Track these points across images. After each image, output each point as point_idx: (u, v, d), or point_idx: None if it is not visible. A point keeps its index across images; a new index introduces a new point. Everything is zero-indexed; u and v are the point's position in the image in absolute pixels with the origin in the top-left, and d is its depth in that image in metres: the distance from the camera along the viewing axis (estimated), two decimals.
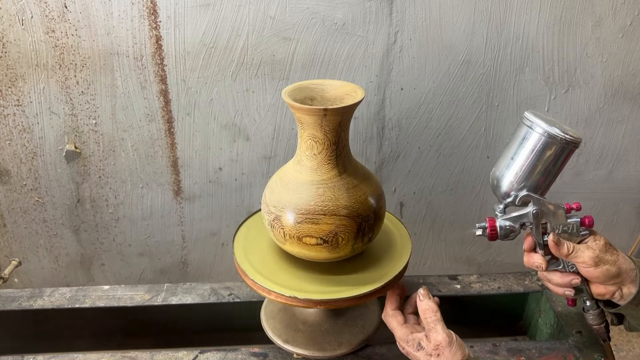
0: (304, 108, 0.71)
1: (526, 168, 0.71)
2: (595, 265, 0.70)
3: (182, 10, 1.01)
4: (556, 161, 0.70)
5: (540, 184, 0.71)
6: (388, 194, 1.25)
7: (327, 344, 0.85)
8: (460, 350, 0.70)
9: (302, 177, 0.76)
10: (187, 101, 1.10)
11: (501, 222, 0.74)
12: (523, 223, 0.74)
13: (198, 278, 1.34)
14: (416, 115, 1.15)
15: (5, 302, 0.99)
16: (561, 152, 0.69)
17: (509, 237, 0.74)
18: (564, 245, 0.71)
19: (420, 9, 1.04)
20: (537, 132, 0.69)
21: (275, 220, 0.76)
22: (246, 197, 1.23)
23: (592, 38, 1.09)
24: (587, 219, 0.73)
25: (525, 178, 0.71)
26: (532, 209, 0.72)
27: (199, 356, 0.86)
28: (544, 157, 0.69)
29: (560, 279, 0.74)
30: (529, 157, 0.70)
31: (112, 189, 1.20)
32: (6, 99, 1.08)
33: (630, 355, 1.41)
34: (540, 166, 0.70)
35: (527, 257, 0.75)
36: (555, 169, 0.71)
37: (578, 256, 0.71)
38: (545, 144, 0.69)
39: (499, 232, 0.74)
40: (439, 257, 1.36)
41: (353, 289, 0.77)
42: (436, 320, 0.74)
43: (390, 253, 0.86)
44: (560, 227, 0.73)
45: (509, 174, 0.72)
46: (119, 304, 0.98)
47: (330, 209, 0.74)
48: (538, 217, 0.72)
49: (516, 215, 0.74)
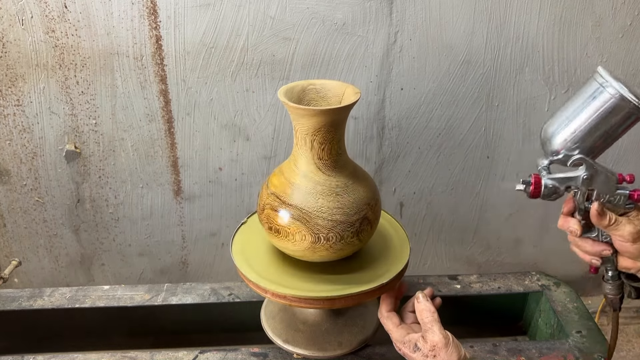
0: (300, 108, 0.71)
1: (586, 128, 0.65)
2: (633, 241, 0.67)
3: (182, 10, 1.01)
4: (620, 126, 0.64)
5: (596, 147, 0.66)
6: (388, 194, 1.25)
7: (327, 344, 0.85)
8: (457, 351, 0.70)
9: (296, 177, 0.76)
10: (187, 101, 1.10)
11: (547, 180, 0.69)
12: (569, 186, 0.68)
13: (198, 278, 1.34)
14: (416, 115, 1.15)
15: (5, 302, 0.99)
16: (629, 117, 0.63)
17: (551, 197, 0.69)
18: (607, 216, 0.67)
19: (420, 9, 1.04)
20: (609, 92, 0.62)
21: (268, 217, 0.76)
22: (246, 197, 1.23)
23: (592, 38, 1.09)
24: (636, 193, 0.68)
25: (582, 139, 0.65)
26: (583, 174, 0.67)
27: (199, 356, 0.86)
28: (610, 120, 0.63)
29: (591, 247, 0.70)
30: (591, 116, 0.64)
31: (112, 189, 1.20)
32: (6, 99, 1.08)
33: (630, 355, 1.41)
34: (603, 129, 0.64)
35: (562, 220, 0.72)
36: (616, 134, 0.65)
37: (618, 229, 0.67)
38: (614, 106, 0.62)
39: (543, 190, 0.69)
40: (439, 257, 1.36)
41: (351, 287, 0.77)
42: (433, 321, 0.74)
43: (389, 254, 0.86)
44: (607, 196, 0.68)
45: (565, 131, 0.66)
46: (119, 304, 0.98)
47: (324, 209, 0.74)
48: (588, 183, 0.67)
49: (564, 177, 0.68)
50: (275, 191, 0.76)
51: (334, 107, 0.72)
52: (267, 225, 0.78)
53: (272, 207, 0.76)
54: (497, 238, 1.33)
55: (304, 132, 0.73)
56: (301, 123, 0.73)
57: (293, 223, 0.74)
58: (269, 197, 0.77)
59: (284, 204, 0.75)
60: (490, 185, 1.25)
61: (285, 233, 0.75)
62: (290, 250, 0.78)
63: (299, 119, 0.73)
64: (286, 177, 0.77)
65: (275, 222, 0.76)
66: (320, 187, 0.75)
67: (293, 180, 0.76)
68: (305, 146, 0.75)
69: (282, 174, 0.78)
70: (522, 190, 0.71)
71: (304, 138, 0.74)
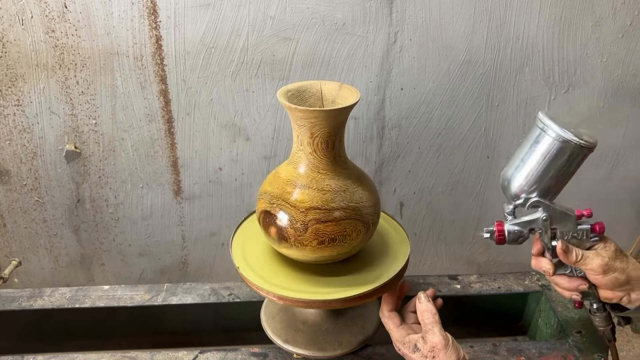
0: (299, 109, 0.70)
1: (537, 172, 0.68)
2: (603, 273, 0.69)
3: (182, 10, 1.01)
4: (569, 166, 0.67)
5: (552, 188, 0.69)
6: (388, 194, 1.25)
7: (327, 344, 0.85)
8: (456, 353, 0.70)
9: (295, 177, 0.76)
10: (187, 101, 1.10)
11: (509, 226, 0.72)
12: (532, 228, 0.72)
13: (198, 278, 1.34)
14: (416, 115, 1.15)
15: (5, 302, 0.99)
16: (575, 156, 0.66)
17: (517, 241, 0.73)
18: (572, 253, 0.70)
19: (420, 9, 1.04)
20: (550, 135, 0.66)
21: (265, 218, 0.76)
22: (246, 197, 1.23)
23: (592, 38, 1.09)
24: (597, 226, 0.71)
25: (536, 181, 0.69)
26: (541, 215, 0.70)
27: (199, 356, 0.86)
28: (557, 162, 0.67)
29: (568, 283, 0.73)
30: (540, 161, 0.68)
31: (112, 189, 1.20)
32: (6, 99, 1.08)
33: (630, 355, 1.41)
34: (553, 171, 0.68)
35: (534, 261, 0.74)
36: (567, 173, 0.68)
37: (587, 263, 0.69)
38: (558, 148, 0.66)
39: (507, 236, 0.72)
40: (439, 257, 1.37)
41: (350, 289, 0.77)
42: (434, 322, 0.74)
43: (388, 255, 0.86)
44: (570, 233, 0.71)
45: (519, 177, 0.70)
46: (119, 304, 0.98)
47: (322, 210, 0.74)
48: (547, 223, 0.70)
49: (525, 221, 0.72)
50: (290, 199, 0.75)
51: (334, 108, 0.71)
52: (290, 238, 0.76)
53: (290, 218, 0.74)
54: None
55: (303, 133, 0.73)
56: (301, 124, 0.73)
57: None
58: (288, 208, 0.75)
59: (288, 207, 0.75)
60: (490, 185, 1.25)
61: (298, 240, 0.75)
62: (297, 255, 0.78)
63: (298, 121, 0.73)
64: (285, 179, 0.77)
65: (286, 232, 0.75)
66: (323, 184, 0.75)
67: (294, 181, 0.76)
68: (305, 147, 0.75)
69: (282, 179, 0.77)
70: (488, 238, 0.74)
71: (304, 139, 0.74)
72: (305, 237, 0.74)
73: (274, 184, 0.78)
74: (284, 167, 0.79)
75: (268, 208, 0.76)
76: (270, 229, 0.76)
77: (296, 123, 0.73)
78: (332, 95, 0.79)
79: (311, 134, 0.73)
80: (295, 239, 0.74)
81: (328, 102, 0.79)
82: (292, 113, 0.72)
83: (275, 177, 0.79)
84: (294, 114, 0.72)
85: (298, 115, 0.71)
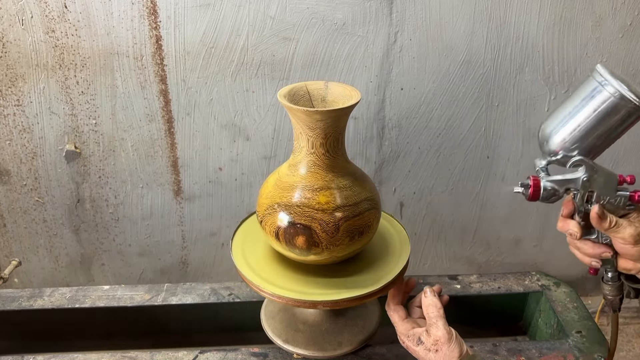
0: (299, 110, 0.70)
1: (585, 128, 0.63)
2: (634, 243, 0.65)
3: (182, 10, 1.01)
4: (620, 125, 0.62)
5: (596, 147, 0.64)
6: (388, 194, 1.25)
7: (327, 344, 0.85)
8: (459, 347, 0.71)
9: (310, 181, 0.75)
10: (187, 101, 1.10)
11: (546, 182, 0.67)
12: (568, 188, 0.67)
13: (198, 278, 1.35)
14: (416, 115, 1.15)
15: (5, 302, 0.99)
16: (629, 117, 0.61)
17: (550, 200, 0.68)
18: (607, 219, 0.65)
19: (420, 9, 1.04)
20: (608, 91, 0.61)
21: (289, 230, 0.75)
22: (246, 197, 1.23)
23: (592, 38, 1.09)
24: (637, 194, 0.66)
25: (580, 139, 0.64)
26: (582, 175, 0.65)
27: (199, 356, 0.86)
28: (609, 120, 0.62)
29: (591, 249, 0.69)
30: (590, 115, 0.62)
31: (112, 189, 1.20)
32: (6, 99, 1.08)
33: (630, 355, 1.41)
34: (602, 128, 0.62)
35: (562, 222, 0.70)
36: (616, 134, 0.64)
37: (619, 231, 0.65)
38: (613, 105, 0.61)
39: (542, 193, 0.67)
40: (439, 257, 1.37)
41: (351, 290, 0.77)
42: (438, 316, 0.74)
43: (389, 255, 0.86)
44: (607, 198, 0.66)
45: (563, 131, 0.65)
46: (119, 304, 0.98)
47: (348, 206, 0.75)
48: (587, 185, 0.65)
49: (563, 179, 0.66)
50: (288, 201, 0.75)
51: (335, 108, 0.71)
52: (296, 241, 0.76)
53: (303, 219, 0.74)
54: (497, 238, 1.33)
55: (317, 135, 0.73)
56: (315, 127, 0.72)
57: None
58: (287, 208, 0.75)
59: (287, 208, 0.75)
60: (490, 185, 1.25)
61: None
62: (296, 257, 0.78)
63: (299, 121, 0.73)
64: (285, 181, 0.77)
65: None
66: (323, 185, 0.75)
67: (311, 185, 0.75)
68: (318, 149, 0.74)
69: (295, 187, 0.76)
70: (520, 192, 0.70)
71: (316, 142, 0.74)
72: (338, 237, 0.74)
73: (285, 194, 0.75)
74: (289, 174, 0.77)
75: (291, 220, 0.74)
76: (297, 239, 0.74)
77: (308, 126, 0.72)
78: (321, 94, 0.79)
79: (325, 135, 0.73)
80: (327, 242, 0.74)
81: (318, 102, 0.79)
82: (310, 117, 0.71)
83: (283, 186, 0.76)
84: (312, 117, 0.71)
85: (316, 117, 0.70)
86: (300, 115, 0.71)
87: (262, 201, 0.78)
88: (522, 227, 1.32)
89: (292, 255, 0.78)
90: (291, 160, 0.78)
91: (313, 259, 0.77)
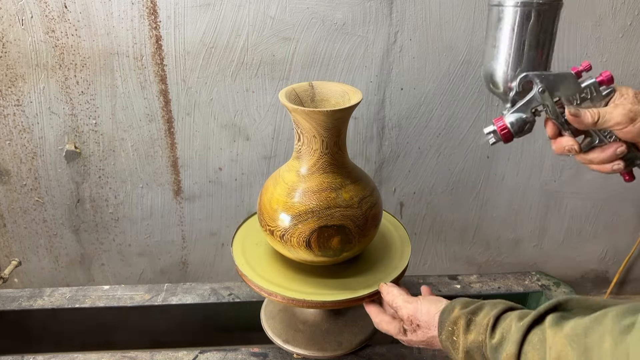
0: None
1: (514, 49, 0.62)
2: (631, 122, 0.59)
3: (182, 10, 1.01)
4: (544, 28, 0.62)
5: (537, 59, 0.63)
6: (388, 194, 1.25)
7: (327, 344, 0.85)
8: (433, 305, 0.68)
9: (328, 182, 0.75)
10: (187, 101, 1.10)
11: (509, 117, 0.65)
12: (535, 109, 0.64)
13: (198, 278, 1.34)
14: (416, 115, 1.15)
15: (5, 302, 0.99)
16: (544, 16, 0.61)
17: (525, 130, 0.65)
18: (586, 114, 0.60)
19: (420, 9, 1.04)
20: (509, 5, 0.61)
21: (322, 234, 0.75)
22: (246, 197, 1.23)
23: (592, 38, 1.09)
24: (603, 75, 0.62)
25: (517, 61, 0.63)
26: (537, 88, 0.62)
27: (199, 356, 0.87)
28: (529, 29, 0.61)
29: (602, 154, 0.63)
30: (512, 36, 0.62)
31: (112, 189, 1.20)
32: (6, 99, 1.08)
33: None
34: (529, 40, 0.62)
35: (555, 144, 0.65)
36: (546, 36, 0.62)
37: (608, 119, 0.60)
38: (524, 14, 0.60)
39: (512, 128, 0.65)
40: (439, 257, 1.37)
41: (353, 291, 0.77)
42: (394, 299, 0.73)
43: (389, 255, 0.86)
44: (577, 95, 0.62)
45: (499, 64, 0.64)
46: (119, 304, 0.98)
47: (368, 197, 0.75)
48: (546, 94, 0.62)
49: (523, 103, 0.64)
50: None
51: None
52: (300, 242, 0.76)
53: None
54: (497, 238, 1.33)
55: (318, 135, 0.73)
56: (302, 125, 0.73)
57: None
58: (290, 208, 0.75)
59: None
60: (490, 185, 1.25)
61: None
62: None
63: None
64: (287, 182, 0.77)
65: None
66: (324, 185, 0.75)
67: (329, 185, 0.75)
68: (332, 148, 0.74)
69: (315, 190, 0.75)
70: (495, 140, 0.67)
71: (330, 141, 0.74)
72: (367, 229, 0.77)
73: (307, 201, 0.74)
74: (305, 180, 0.76)
75: (322, 224, 0.73)
76: (332, 241, 0.75)
77: (325, 127, 0.72)
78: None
79: (339, 133, 0.74)
80: (359, 236, 0.76)
81: (308, 103, 0.79)
82: (328, 117, 0.70)
83: (301, 193, 0.75)
84: (329, 118, 0.70)
85: (337, 115, 0.71)
86: (319, 117, 0.70)
87: (277, 215, 0.76)
88: (522, 227, 1.32)
89: (320, 260, 0.77)
90: (299, 165, 0.77)
91: (345, 255, 0.78)
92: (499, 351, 0.57)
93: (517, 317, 0.58)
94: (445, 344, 0.65)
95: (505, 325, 0.58)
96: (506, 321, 0.59)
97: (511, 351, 0.55)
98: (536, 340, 0.54)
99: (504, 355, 0.56)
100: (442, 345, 0.66)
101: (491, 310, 0.61)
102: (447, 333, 0.64)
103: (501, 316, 0.60)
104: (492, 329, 0.59)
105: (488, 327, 0.59)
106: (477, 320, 0.62)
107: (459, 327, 0.63)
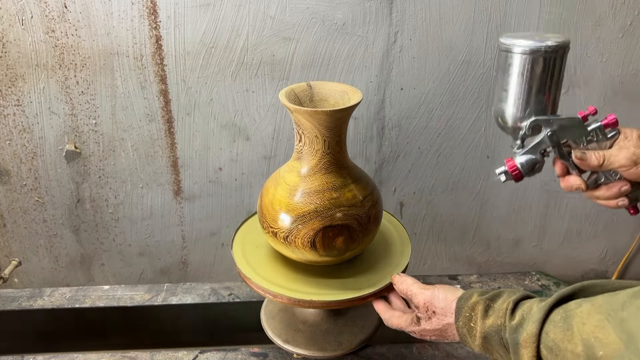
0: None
1: (523, 93, 0.66)
2: (635, 164, 0.63)
3: (182, 10, 1.01)
4: (550, 73, 0.65)
5: (545, 102, 0.66)
6: (388, 194, 1.25)
7: (327, 344, 0.85)
8: (450, 293, 0.68)
9: (329, 181, 0.75)
10: (187, 101, 1.10)
11: (519, 158, 0.69)
12: (544, 150, 0.68)
13: (198, 278, 1.34)
14: (416, 115, 1.15)
15: (5, 302, 0.99)
16: (551, 62, 0.64)
17: (534, 170, 0.69)
18: (592, 157, 0.64)
19: (420, 9, 1.04)
20: (517, 52, 0.64)
21: (327, 234, 0.74)
22: (246, 197, 1.23)
23: (592, 38, 1.09)
24: (608, 119, 0.65)
25: (525, 104, 0.66)
26: (546, 132, 0.66)
27: (199, 356, 0.87)
28: (536, 75, 0.64)
29: (607, 191, 0.67)
30: (521, 82, 0.65)
31: (112, 189, 1.20)
32: (6, 99, 1.08)
33: None
34: (536, 85, 0.65)
35: (563, 182, 0.69)
36: (553, 81, 0.66)
37: (612, 162, 0.64)
38: (531, 61, 0.64)
39: (522, 169, 0.69)
40: (439, 257, 1.37)
41: (353, 291, 0.77)
42: (409, 287, 0.72)
43: (390, 255, 0.86)
44: (584, 138, 0.66)
45: (508, 106, 0.67)
46: (119, 304, 0.98)
47: (369, 195, 0.75)
48: (555, 138, 0.66)
49: (533, 146, 0.68)
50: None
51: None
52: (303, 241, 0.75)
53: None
54: (497, 238, 1.33)
55: (333, 134, 0.73)
56: (304, 125, 0.72)
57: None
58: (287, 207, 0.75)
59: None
60: (490, 185, 1.25)
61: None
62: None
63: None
64: (288, 183, 0.77)
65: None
66: (324, 185, 0.75)
67: (331, 185, 0.75)
68: (334, 147, 0.74)
69: (317, 190, 0.75)
70: (506, 179, 0.71)
71: (332, 141, 0.74)
72: (370, 227, 0.77)
73: (310, 201, 0.74)
74: (307, 181, 0.76)
75: (326, 224, 0.73)
76: (337, 241, 0.74)
77: (327, 127, 0.72)
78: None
79: (341, 132, 0.74)
80: (363, 234, 0.76)
81: (307, 103, 0.79)
82: (329, 117, 0.70)
83: (303, 194, 0.75)
84: (331, 117, 0.70)
85: (338, 115, 0.71)
86: (321, 117, 0.70)
87: (280, 217, 0.75)
88: (522, 227, 1.32)
89: (324, 260, 0.77)
90: (301, 166, 0.76)
91: (349, 255, 0.78)
92: (519, 331, 0.56)
93: (538, 300, 0.58)
94: (462, 331, 0.64)
95: (525, 308, 0.58)
96: (526, 304, 0.59)
97: (532, 330, 0.54)
98: (558, 319, 0.53)
99: (524, 335, 0.55)
100: (458, 332, 0.64)
101: (510, 296, 0.61)
102: (464, 319, 0.63)
103: (520, 302, 0.60)
104: (512, 313, 0.59)
105: (507, 311, 0.59)
106: (496, 305, 0.61)
107: (477, 313, 0.62)
